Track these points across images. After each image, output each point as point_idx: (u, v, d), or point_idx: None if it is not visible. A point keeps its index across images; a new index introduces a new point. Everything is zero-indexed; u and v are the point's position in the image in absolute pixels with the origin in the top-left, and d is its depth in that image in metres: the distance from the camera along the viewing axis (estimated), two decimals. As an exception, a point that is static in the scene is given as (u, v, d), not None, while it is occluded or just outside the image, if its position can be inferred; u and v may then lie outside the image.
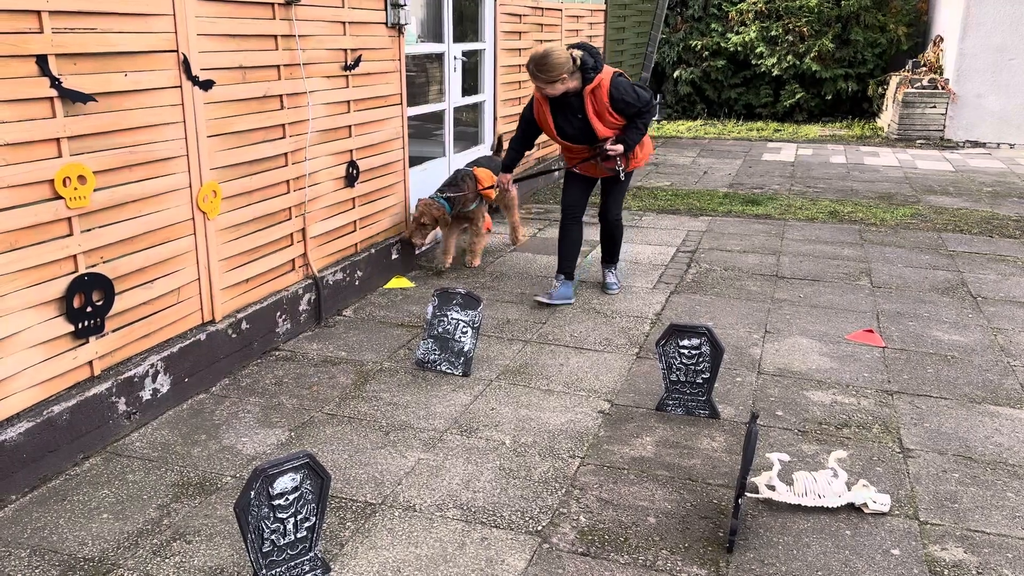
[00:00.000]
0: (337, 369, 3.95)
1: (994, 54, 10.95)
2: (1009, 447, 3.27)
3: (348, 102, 4.63)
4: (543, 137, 8.13)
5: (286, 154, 4.15)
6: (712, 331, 3.44)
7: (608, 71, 4.41)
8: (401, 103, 5.20)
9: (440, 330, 3.91)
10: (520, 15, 7.31)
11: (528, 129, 4.84)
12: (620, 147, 4.54)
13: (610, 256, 5.16)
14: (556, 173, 8.53)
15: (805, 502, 2.80)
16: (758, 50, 13.10)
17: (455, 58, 6.21)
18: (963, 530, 2.72)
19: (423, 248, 5.60)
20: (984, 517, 2.79)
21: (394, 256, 5.28)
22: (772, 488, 2.85)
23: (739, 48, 13.28)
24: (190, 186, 3.55)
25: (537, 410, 3.56)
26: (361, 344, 4.26)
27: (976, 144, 11.31)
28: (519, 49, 7.35)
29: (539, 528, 2.71)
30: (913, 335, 4.45)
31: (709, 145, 11.43)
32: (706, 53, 13.57)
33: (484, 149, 6.97)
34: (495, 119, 6.99)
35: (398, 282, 5.22)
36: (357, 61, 4.61)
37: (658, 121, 13.77)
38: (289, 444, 3.24)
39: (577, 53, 4.35)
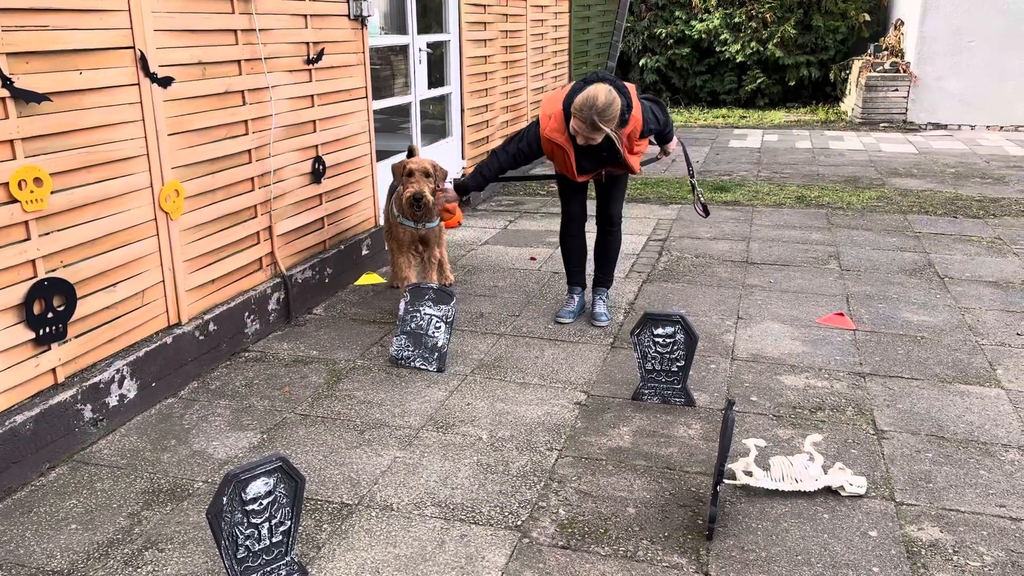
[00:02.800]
0: (309, 368, 3.89)
1: (953, 37, 11.10)
2: (980, 425, 3.31)
3: (312, 96, 4.56)
4: (511, 129, 8.12)
5: (250, 151, 4.07)
6: (686, 319, 3.43)
7: (637, 106, 3.90)
8: (366, 96, 5.13)
9: (413, 326, 3.87)
10: (485, 5, 7.25)
11: (517, 163, 4.11)
12: (675, 145, 4.44)
13: (604, 274, 4.54)
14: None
15: (782, 487, 2.81)
16: (722, 37, 13.16)
17: (420, 50, 6.14)
18: (938, 509, 2.75)
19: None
20: (958, 495, 2.82)
21: (364, 252, 5.22)
22: (749, 474, 2.85)
23: (703, 35, 13.33)
24: (151, 186, 3.47)
25: (513, 404, 3.54)
26: (333, 342, 4.20)
27: (938, 126, 11.47)
28: (484, 40, 7.30)
29: (519, 523, 2.69)
30: (883, 317, 4.49)
31: (681, 133, 11.46)
32: (671, 41, 13.60)
33: (452, 142, 6.91)
34: (462, 111, 6.94)
35: (369, 278, 5.16)
36: (320, 55, 4.53)
37: (625, 110, 13.78)
38: (261, 447, 3.18)
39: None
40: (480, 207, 7.21)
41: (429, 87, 6.42)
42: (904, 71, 11.50)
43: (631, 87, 3.97)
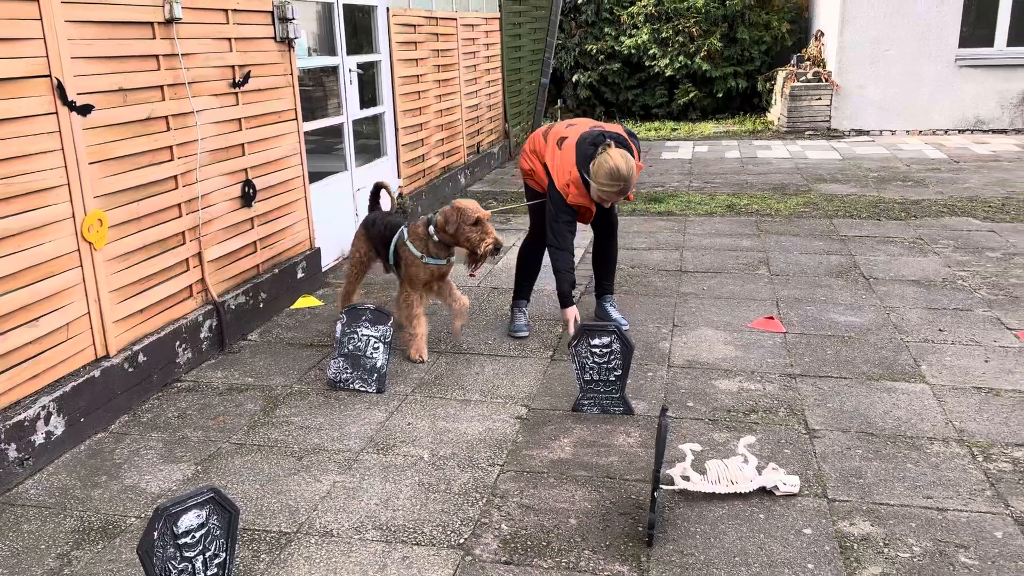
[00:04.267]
0: (244, 396, 3.82)
1: (871, 46, 11.54)
2: (907, 420, 3.43)
3: (239, 120, 4.50)
4: (447, 147, 8.13)
5: (176, 177, 3.99)
6: (621, 328, 3.48)
7: (636, 152, 4.06)
8: (296, 118, 5.09)
9: (351, 348, 3.83)
10: (415, 25, 7.27)
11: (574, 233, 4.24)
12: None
13: (611, 281, 4.66)
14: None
15: (719, 489, 2.86)
16: (651, 52, 13.44)
17: (350, 70, 6.12)
18: (869, 504, 2.83)
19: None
20: (888, 490, 2.92)
21: (300, 275, 5.16)
22: (687, 479, 2.90)
23: (633, 51, 13.58)
24: (73, 216, 3.37)
25: (455, 421, 3.53)
26: (269, 368, 4.13)
27: (861, 132, 11.89)
28: (416, 59, 7.32)
29: (461, 541, 2.68)
30: (811, 319, 4.62)
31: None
32: (602, 57, 13.83)
33: (387, 161, 6.90)
34: (396, 130, 6.93)
35: (306, 301, 5.10)
36: (246, 77, 4.49)
37: (560, 125, 13.94)
38: (196, 479, 3.11)
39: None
40: (418, 226, 7.19)
41: (362, 107, 6.40)
42: (826, 80, 11.90)
43: (619, 129, 4.13)
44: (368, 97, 6.64)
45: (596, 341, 3.50)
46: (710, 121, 13.73)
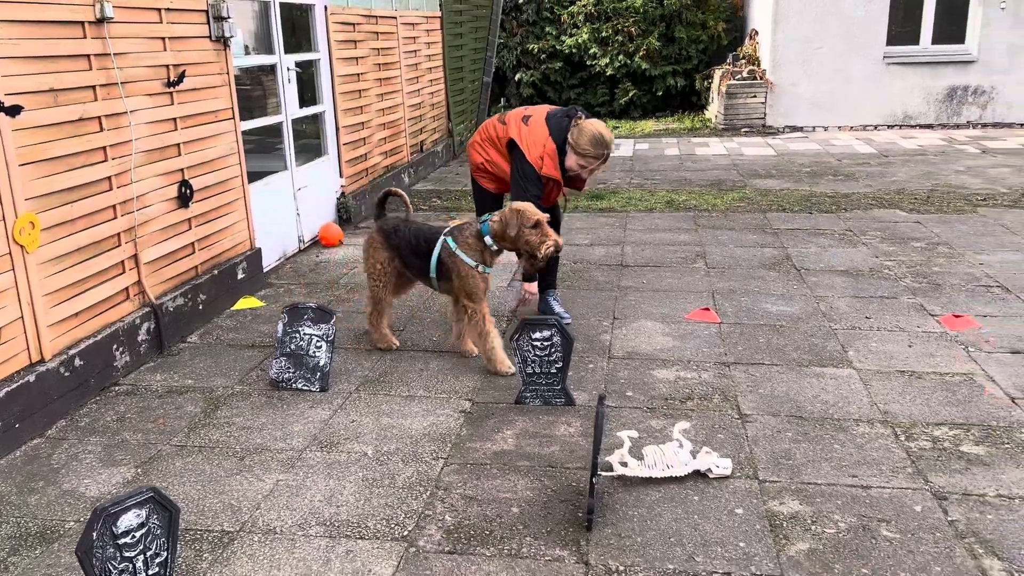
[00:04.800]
0: (184, 398, 3.79)
1: (803, 44, 11.88)
2: (834, 403, 3.58)
3: (175, 120, 4.45)
4: (390, 146, 8.12)
5: (110, 178, 3.94)
6: (561, 322, 3.56)
7: None
8: (233, 118, 5.05)
9: (293, 347, 3.83)
10: (354, 24, 7.25)
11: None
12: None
13: (552, 274, 4.73)
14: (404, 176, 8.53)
15: (655, 474, 2.95)
16: (591, 51, 13.60)
17: (289, 69, 6.09)
18: (797, 484, 2.96)
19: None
20: (815, 470, 3.05)
21: (240, 276, 5.12)
22: (624, 464, 2.99)
23: (574, 50, 13.72)
24: (3, 219, 3.31)
25: (399, 417, 3.56)
26: (209, 370, 4.10)
27: (795, 128, 12.23)
28: (356, 58, 7.30)
29: (405, 533, 2.72)
30: (745, 309, 4.77)
31: (553, 144, 11.75)
32: (543, 56, 13.94)
33: (329, 160, 6.87)
34: (337, 129, 6.91)
35: (247, 302, 5.06)
36: (181, 77, 4.44)
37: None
38: (136, 481, 3.08)
39: None
40: (362, 225, 7.18)
41: (301, 106, 6.36)
42: (761, 78, 12.21)
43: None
44: (308, 96, 6.60)
45: (537, 335, 3.57)
46: (651, 119, 13.95)
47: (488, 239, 3.89)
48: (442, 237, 3.98)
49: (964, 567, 2.47)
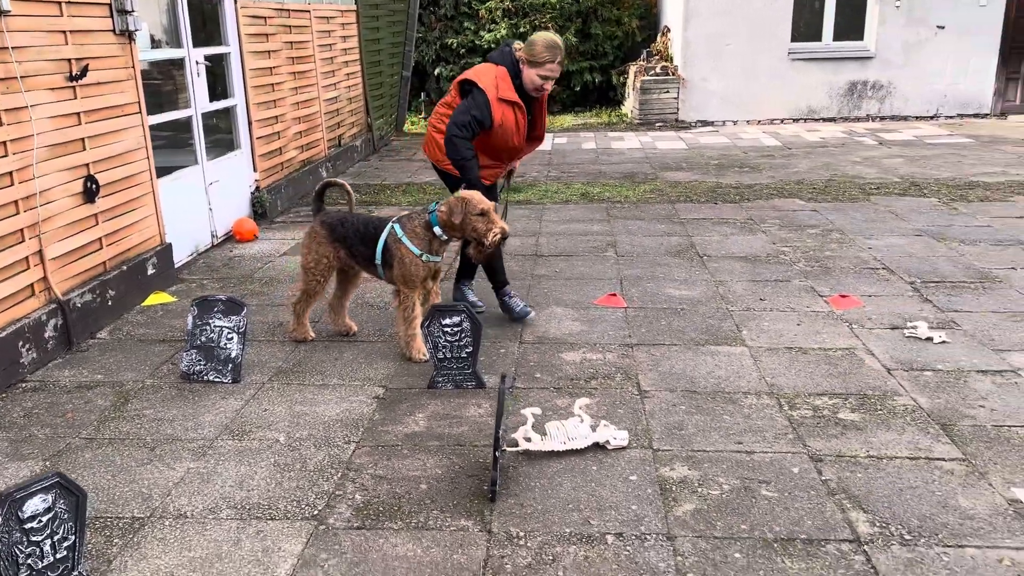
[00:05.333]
0: (94, 393, 3.78)
1: (712, 41, 12.30)
2: (725, 378, 3.81)
3: (78, 114, 4.40)
4: (306, 140, 8.09)
5: (11, 173, 3.88)
6: (470, 308, 3.69)
7: None
8: (140, 112, 5.00)
9: (204, 339, 3.86)
10: (265, 17, 7.22)
11: (474, 138, 4.19)
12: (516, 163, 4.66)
13: (471, 272, 4.83)
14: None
15: (557, 447, 3.12)
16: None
17: (197, 63, 6.04)
18: (688, 451, 3.16)
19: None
20: (704, 438, 3.26)
21: (151, 271, 5.08)
22: (528, 440, 3.14)
23: (493, 45, 13.84)
24: None
25: (312, 405, 3.64)
26: (120, 365, 4.09)
27: (706, 123, 12.66)
28: (268, 52, 7.27)
29: (315, 513, 2.81)
30: (650, 294, 5.00)
31: (473, 138, 11.87)
32: (463, 50, 14.03)
33: (242, 154, 6.83)
34: (250, 123, 6.87)
35: (158, 298, 5.03)
36: (84, 71, 4.39)
37: (426, 119, 14.06)
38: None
39: None
40: (278, 219, 7.17)
41: (212, 100, 6.32)
42: (673, 74, 12.59)
43: None
44: (219, 90, 6.56)
45: (447, 321, 3.69)
46: (569, 114, 14.21)
47: (437, 228, 3.94)
48: (390, 224, 4.04)
49: (833, 520, 2.70)
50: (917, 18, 12.11)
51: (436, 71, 14.14)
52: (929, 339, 4.15)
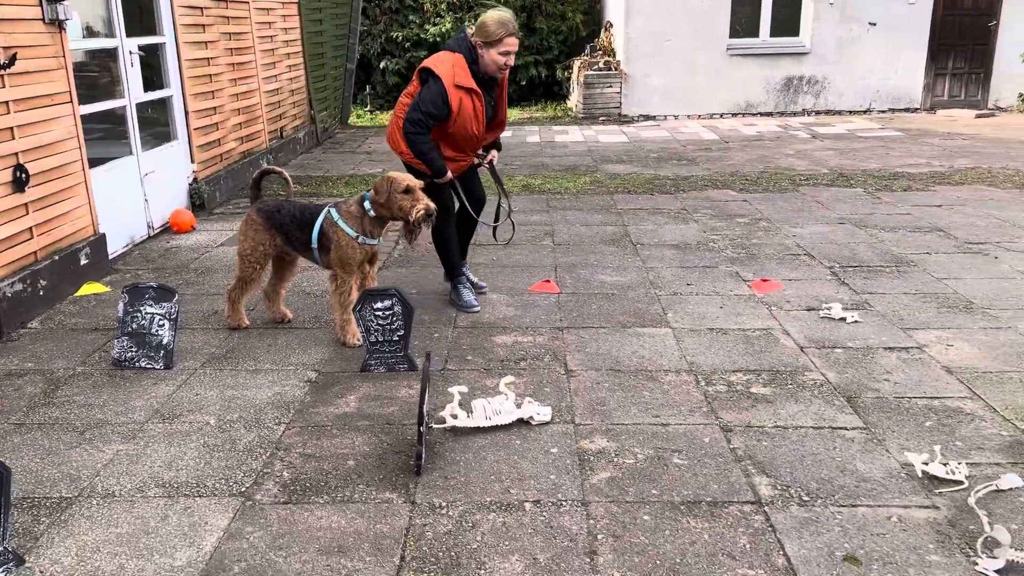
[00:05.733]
0: (24, 380, 3.77)
1: (654, 37, 12.54)
2: (648, 357, 3.97)
3: (7, 103, 4.36)
4: (246, 132, 8.04)
5: (-65, 160, 3.85)
6: (401, 291, 3.78)
7: None
8: (71, 101, 4.97)
9: (135, 326, 3.88)
10: (202, 8, 7.18)
11: (431, 130, 4.26)
12: (495, 154, 4.67)
13: (463, 251, 4.90)
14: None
15: (482, 423, 3.23)
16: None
17: (131, 52, 6.00)
18: (608, 425, 3.30)
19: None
20: (624, 413, 3.41)
21: (84, 262, 5.05)
22: (455, 417, 3.25)
23: (438, 39, 13.89)
24: None
25: (244, 389, 3.69)
26: (51, 353, 4.08)
27: (648, 117, 12.89)
28: (206, 42, 7.23)
29: (243, 489, 2.88)
30: (583, 280, 5.14)
31: (418, 132, 11.91)
32: (408, 44, 14.05)
33: (179, 145, 6.79)
34: (187, 114, 6.83)
35: (91, 288, 5.01)
36: (12, 60, 4.35)
37: (371, 112, 14.04)
38: (-30, 459, 3.09)
39: None
40: (216, 210, 7.15)
41: (147, 90, 6.27)
42: (616, 69, 12.80)
43: None
44: (155, 80, 6.51)
45: (378, 305, 3.78)
46: (515, 108, 14.32)
47: (367, 205, 4.02)
48: (326, 209, 4.11)
49: (737, 484, 2.87)
50: (850, 15, 12.51)
51: (381, 64, 14.14)
52: (842, 319, 4.37)
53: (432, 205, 4.01)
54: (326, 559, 2.50)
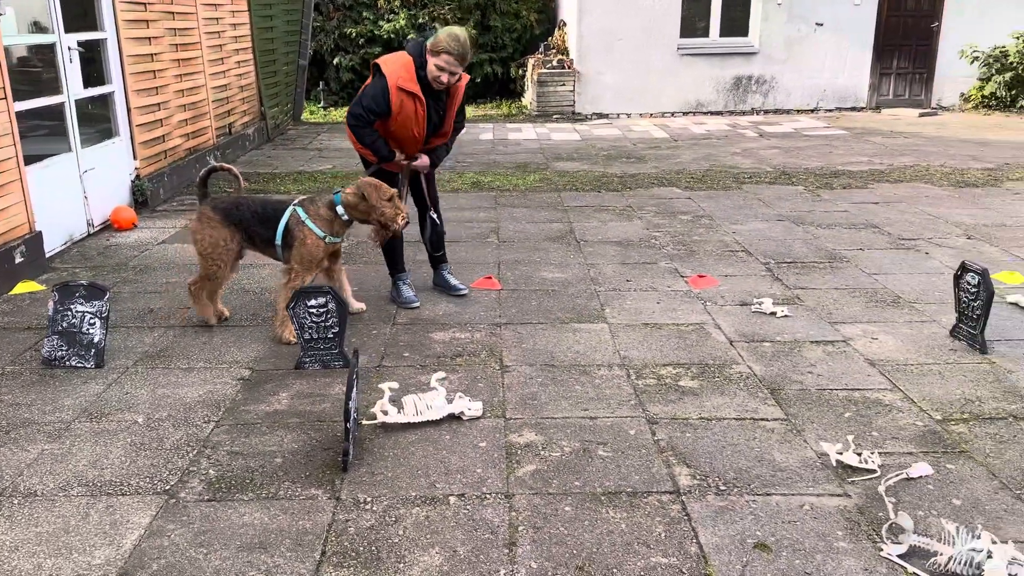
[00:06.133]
0: (-52, 380, 3.71)
1: (606, 36, 12.64)
2: (583, 352, 4.03)
3: (-68, 97, 4.27)
4: (193, 128, 7.94)
5: None
6: (335, 290, 3.78)
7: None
8: (5, 98, 4.88)
9: (65, 325, 3.83)
10: (146, 3, 7.08)
11: (371, 124, 4.30)
12: (426, 160, 4.60)
13: (442, 252, 4.93)
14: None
15: (413, 419, 3.26)
16: (409, 36, 13.77)
17: (70, 48, 5.90)
18: (537, 419, 3.35)
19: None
20: (555, 407, 3.46)
21: (19, 260, 4.96)
22: (385, 413, 3.27)
23: (392, 35, 13.86)
24: None
25: (176, 388, 3.67)
26: (-21, 352, 4.02)
27: (601, 115, 13.00)
28: (149, 38, 7.13)
29: (167, 488, 2.87)
30: (525, 277, 5.19)
31: (371, 129, 11.87)
32: (362, 40, 13.98)
33: (121, 142, 6.69)
34: (129, 110, 6.74)
35: (26, 286, 4.93)
36: (-63, 53, 4.26)
37: (324, 108, 13.95)
38: None
39: None
40: (160, 208, 7.06)
41: (87, 86, 6.18)
42: (569, 67, 12.88)
43: None
44: (96, 76, 6.41)
45: (312, 302, 3.78)
46: (471, 105, 14.33)
47: (340, 209, 4.07)
48: (292, 206, 4.12)
49: (659, 475, 2.94)
50: (798, 15, 12.74)
51: (335, 60, 14.05)
52: (773, 314, 4.48)
53: (409, 212, 4.14)
54: (246, 555, 2.51)
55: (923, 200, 7.17)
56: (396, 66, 4.24)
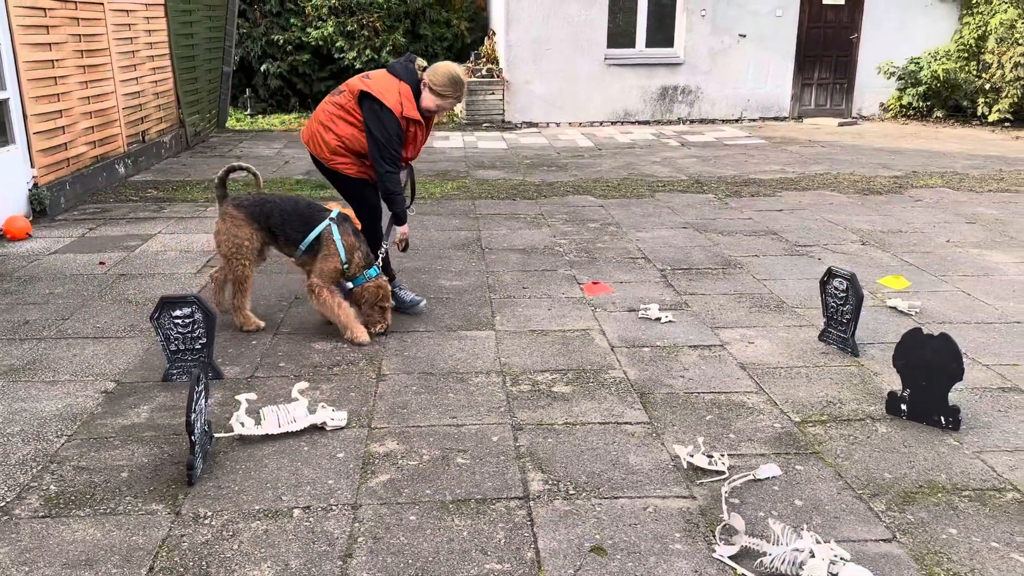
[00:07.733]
0: None
1: (534, 45, 12.71)
2: (464, 360, 4.01)
3: None
4: (100, 135, 7.72)
5: None
6: (201, 298, 3.70)
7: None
8: None
9: (-81, 338, 3.68)
10: (45, 9, 6.89)
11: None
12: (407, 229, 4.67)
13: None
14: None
15: (272, 431, 3.20)
16: (338, 44, 13.68)
17: (-48, 52, 5.70)
18: (402, 428, 3.32)
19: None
20: (424, 415, 3.43)
21: None
22: (242, 425, 3.21)
23: (321, 42, 13.74)
24: None
25: (34, 401, 3.55)
26: None
27: (530, 124, 13.06)
28: (50, 44, 6.94)
29: (2, 505, 2.76)
30: (422, 285, 5.16)
31: (297, 137, 11.74)
32: (290, 47, 13.82)
33: (17, 150, 6.49)
34: (25, 117, 6.54)
35: None
36: None
37: (251, 116, 13.75)
38: None
39: None
40: (60, 217, 6.86)
41: (-25, 92, 5.98)
42: (498, 76, 12.92)
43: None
44: (-13, 82, 6.21)
45: (177, 312, 3.69)
46: (402, 113, 14.27)
47: (364, 251, 4.28)
48: (328, 221, 4.23)
49: (512, 481, 2.93)
50: (721, 27, 12.98)
51: (263, 67, 13.86)
52: (658, 319, 4.52)
53: (390, 324, 4.35)
54: (71, 572, 2.43)
55: (826, 207, 7.34)
56: (394, 96, 4.21)
